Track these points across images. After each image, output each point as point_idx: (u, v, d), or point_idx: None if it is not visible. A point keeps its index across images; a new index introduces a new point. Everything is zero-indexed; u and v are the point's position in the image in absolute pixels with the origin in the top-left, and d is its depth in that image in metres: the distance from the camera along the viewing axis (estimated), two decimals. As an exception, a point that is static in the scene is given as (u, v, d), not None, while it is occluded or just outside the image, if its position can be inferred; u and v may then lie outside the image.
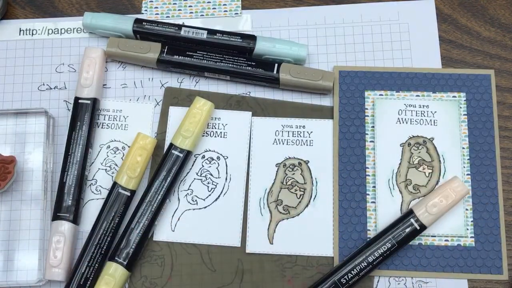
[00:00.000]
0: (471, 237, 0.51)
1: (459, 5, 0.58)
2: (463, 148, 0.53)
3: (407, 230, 0.49)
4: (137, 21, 0.56)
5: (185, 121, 0.52)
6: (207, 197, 0.53)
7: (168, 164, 0.51)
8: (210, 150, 0.54)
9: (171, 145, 0.52)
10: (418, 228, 0.49)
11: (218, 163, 0.53)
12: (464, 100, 0.54)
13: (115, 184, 0.51)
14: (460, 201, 0.50)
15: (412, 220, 0.49)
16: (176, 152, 0.51)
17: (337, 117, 0.54)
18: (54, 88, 0.56)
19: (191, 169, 0.53)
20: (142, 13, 0.59)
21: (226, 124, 0.54)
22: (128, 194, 0.51)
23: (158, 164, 0.52)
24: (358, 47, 0.57)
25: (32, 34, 0.58)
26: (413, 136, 0.54)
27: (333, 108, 0.55)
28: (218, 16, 0.58)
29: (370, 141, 0.54)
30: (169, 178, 0.51)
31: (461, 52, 0.57)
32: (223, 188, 0.53)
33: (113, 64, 0.57)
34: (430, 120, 0.54)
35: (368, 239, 0.51)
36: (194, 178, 0.53)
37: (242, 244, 0.51)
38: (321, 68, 0.56)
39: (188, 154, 0.51)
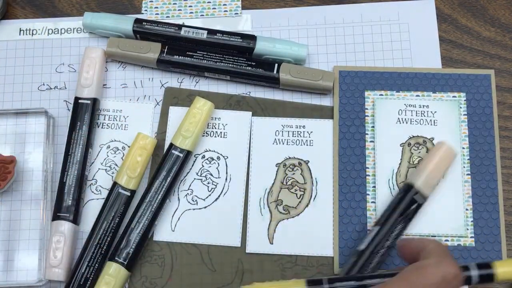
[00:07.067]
0: (471, 237, 0.51)
1: (459, 5, 0.58)
2: (463, 148, 0.53)
3: (412, 207, 0.49)
4: (137, 21, 0.56)
5: (185, 121, 0.52)
6: (207, 197, 0.53)
7: (168, 164, 0.51)
8: (210, 150, 0.54)
9: (171, 145, 0.52)
10: (421, 202, 0.49)
11: (218, 163, 0.53)
12: (464, 100, 0.54)
13: (115, 184, 0.51)
14: (451, 164, 0.51)
15: (414, 197, 0.49)
16: (176, 152, 0.51)
17: (337, 117, 0.54)
18: (54, 88, 0.56)
19: (191, 169, 0.53)
20: (142, 13, 0.59)
21: (226, 124, 0.54)
22: (128, 194, 0.51)
23: (158, 164, 0.52)
24: (358, 47, 0.57)
25: (32, 34, 0.58)
26: (413, 136, 0.54)
27: (333, 108, 0.55)
28: (218, 16, 0.58)
29: (370, 141, 0.54)
30: (169, 178, 0.51)
31: (461, 52, 0.57)
32: (223, 188, 0.53)
33: (113, 64, 0.57)
34: (430, 120, 0.54)
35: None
36: (194, 178, 0.53)
37: (242, 244, 0.51)
38: (321, 68, 0.56)
39: (188, 154, 0.51)
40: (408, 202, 0.49)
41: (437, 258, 0.37)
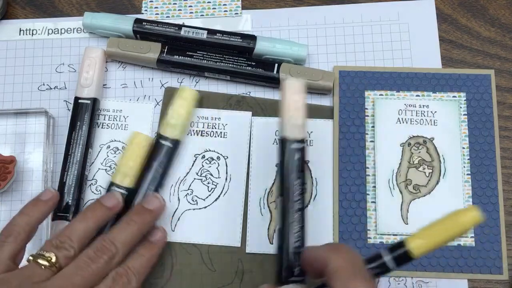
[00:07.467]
0: (471, 237, 0.51)
1: (459, 5, 0.58)
2: (463, 148, 0.53)
3: (297, 156, 0.45)
4: (137, 21, 0.56)
5: (171, 111, 0.52)
6: (207, 197, 0.53)
7: (158, 156, 0.51)
8: (210, 150, 0.54)
9: (159, 136, 0.51)
10: (304, 145, 0.46)
11: (218, 163, 0.53)
12: (464, 100, 0.54)
13: (111, 184, 0.51)
14: (304, 92, 0.47)
15: (293, 146, 0.45)
16: (165, 143, 0.51)
17: (337, 117, 0.54)
18: (54, 88, 0.56)
19: (191, 169, 0.53)
20: (142, 13, 0.59)
21: (226, 124, 0.54)
22: (126, 193, 0.51)
23: (147, 158, 0.52)
24: (358, 47, 0.57)
25: (32, 34, 0.58)
26: (413, 136, 0.54)
27: (333, 108, 0.55)
28: (218, 16, 0.58)
29: (370, 141, 0.54)
30: (160, 169, 0.51)
31: (461, 52, 0.57)
32: (223, 188, 0.53)
33: (113, 64, 0.57)
34: (430, 120, 0.54)
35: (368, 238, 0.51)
36: (194, 178, 0.53)
37: (242, 244, 0.51)
38: (321, 68, 0.56)
39: (177, 143, 0.51)
40: (292, 153, 0.45)
41: (343, 281, 0.34)
